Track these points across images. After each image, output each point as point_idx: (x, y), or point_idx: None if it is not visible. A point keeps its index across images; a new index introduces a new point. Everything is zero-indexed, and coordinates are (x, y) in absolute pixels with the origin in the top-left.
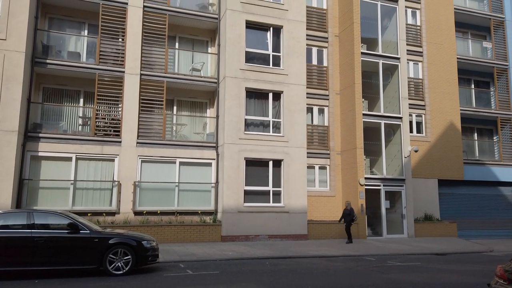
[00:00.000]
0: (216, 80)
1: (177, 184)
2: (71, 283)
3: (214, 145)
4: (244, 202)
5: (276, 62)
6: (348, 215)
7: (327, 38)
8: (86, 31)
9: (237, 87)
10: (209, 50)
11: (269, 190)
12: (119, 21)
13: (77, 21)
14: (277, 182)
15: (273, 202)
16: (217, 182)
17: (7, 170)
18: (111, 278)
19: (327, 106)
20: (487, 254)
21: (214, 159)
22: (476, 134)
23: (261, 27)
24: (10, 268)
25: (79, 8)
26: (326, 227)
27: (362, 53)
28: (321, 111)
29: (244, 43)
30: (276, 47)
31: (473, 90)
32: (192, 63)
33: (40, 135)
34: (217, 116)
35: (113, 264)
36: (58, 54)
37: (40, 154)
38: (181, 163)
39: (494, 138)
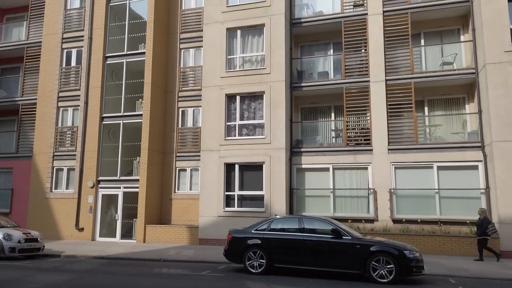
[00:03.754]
0: (473, 70)
1: (436, 190)
2: (338, 286)
3: (479, 144)
4: None
5: None
6: (480, 227)
7: None
8: (331, 50)
9: (501, 74)
10: (461, 38)
11: None
12: (360, 33)
13: (323, 43)
14: None
15: None
16: (487, 187)
17: (280, 182)
18: (375, 285)
19: None
20: None
21: (481, 161)
22: None
23: None
24: (287, 266)
25: (323, 31)
26: None
27: None
28: None
29: (508, 19)
30: None
31: None
32: (442, 57)
33: (302, 149)
34: (480, 111)
35: (377, 272)
36: (310, 76)
37: (303, 166)
38: (439, 168)
39: None
